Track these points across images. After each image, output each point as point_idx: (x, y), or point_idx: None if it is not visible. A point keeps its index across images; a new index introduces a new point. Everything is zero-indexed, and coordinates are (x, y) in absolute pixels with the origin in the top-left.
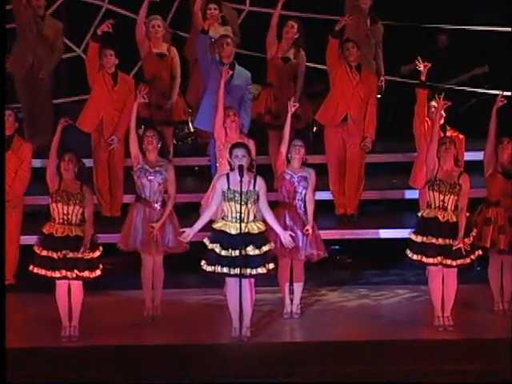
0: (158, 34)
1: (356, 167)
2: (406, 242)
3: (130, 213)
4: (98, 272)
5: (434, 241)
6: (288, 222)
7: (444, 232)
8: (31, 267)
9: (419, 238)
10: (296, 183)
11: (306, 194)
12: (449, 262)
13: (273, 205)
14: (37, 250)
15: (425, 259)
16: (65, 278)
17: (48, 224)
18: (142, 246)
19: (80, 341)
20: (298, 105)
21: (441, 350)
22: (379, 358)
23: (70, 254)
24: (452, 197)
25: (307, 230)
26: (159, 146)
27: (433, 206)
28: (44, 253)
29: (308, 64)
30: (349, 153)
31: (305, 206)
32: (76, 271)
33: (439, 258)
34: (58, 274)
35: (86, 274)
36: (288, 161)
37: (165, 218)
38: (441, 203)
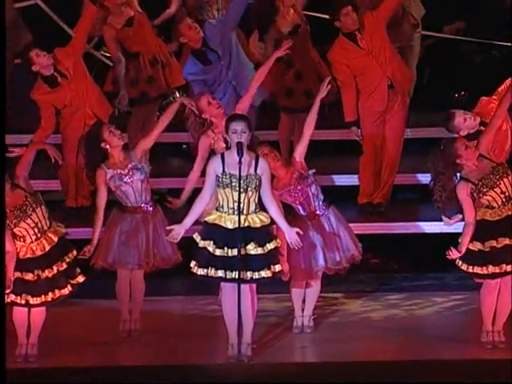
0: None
1: (398, 141)
2: (445, 237)
3: (111, 225)
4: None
5: (507, 242)
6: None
7: None
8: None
9: (486, 245)
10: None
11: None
12: None
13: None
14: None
15: (507, 267)
16: (63, 295)
17: (20, 246)
18: (137, 265)
19: (39, 361)
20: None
21: (489, 373)
22: (411, 383)
23: (64, 265)
24: (505, 180)
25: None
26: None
27: (496, 206)
28: (29, 276)
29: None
30: (391, 122)
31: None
32: (71, 281)
33: None
34: (49, 297)
35: (80, 278)
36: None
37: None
38: (502, 197)
